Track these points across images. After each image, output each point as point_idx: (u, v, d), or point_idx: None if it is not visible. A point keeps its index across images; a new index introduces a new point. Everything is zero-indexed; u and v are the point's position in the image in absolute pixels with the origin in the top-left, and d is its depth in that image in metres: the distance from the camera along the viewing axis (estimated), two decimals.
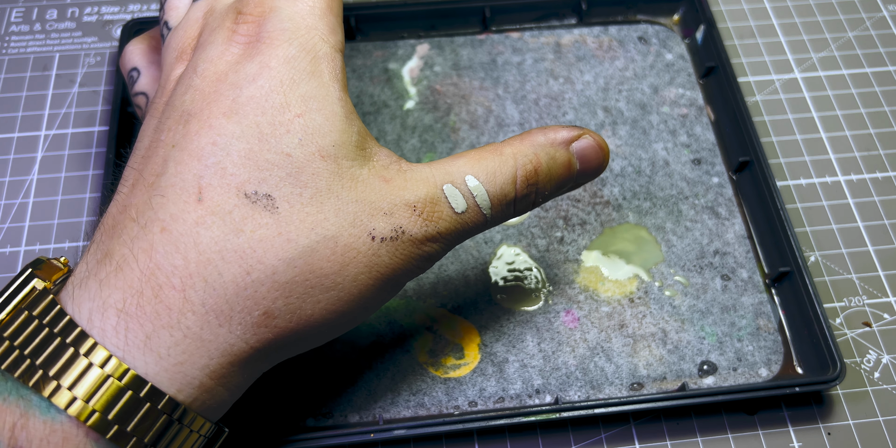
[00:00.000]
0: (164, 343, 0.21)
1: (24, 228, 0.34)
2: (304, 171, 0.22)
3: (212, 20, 0.26)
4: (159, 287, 0.21)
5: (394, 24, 0.39)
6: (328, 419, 0.29)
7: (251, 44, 0.24)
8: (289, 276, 0.22)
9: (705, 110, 0.37)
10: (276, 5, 0.24)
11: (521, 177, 0.25)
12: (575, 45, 0.39)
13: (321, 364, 0.30)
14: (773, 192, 0.33)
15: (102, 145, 0.36)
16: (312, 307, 0.22)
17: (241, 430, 0.28)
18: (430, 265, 0.25)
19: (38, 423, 0.20)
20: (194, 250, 0.21)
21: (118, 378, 0.20)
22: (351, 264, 0.22)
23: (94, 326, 0.21)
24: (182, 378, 0.21)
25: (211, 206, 0.22)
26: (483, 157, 0.25)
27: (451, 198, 0.24)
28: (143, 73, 0.31)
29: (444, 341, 0.31)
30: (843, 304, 0.33)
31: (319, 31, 0.24)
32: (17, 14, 0.40)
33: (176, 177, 0.22)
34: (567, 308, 0.32)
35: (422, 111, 0.37)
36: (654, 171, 0.36)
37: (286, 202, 0.22)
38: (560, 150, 0.25)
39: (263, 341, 0.22)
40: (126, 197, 0.23)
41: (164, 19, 0.28)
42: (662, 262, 0.33)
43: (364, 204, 0.23)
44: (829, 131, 0.38)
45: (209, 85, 0.23)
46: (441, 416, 0.29)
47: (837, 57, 0.40)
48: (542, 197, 0.26)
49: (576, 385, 0.30)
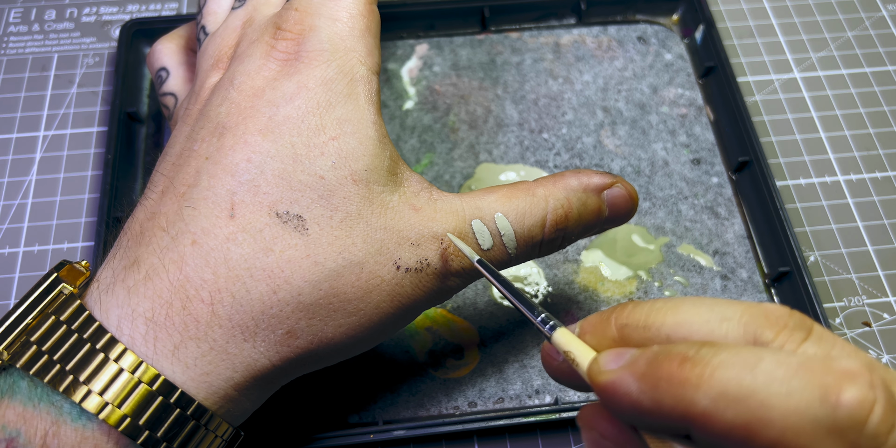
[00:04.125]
0: (191, 354, 0.21)
1: (23, 229, 0.34)
2: (335, 195, 0.22)
3: (250, 31, 0.26)
4: (188, 299, 0.21)
5: (393, 24, 0.39)
6: (328, 420, 0.29)
7: (289, 62, 0.24)
8: (313, 299, 0.22)
9: (704, 110, 0.37)
10: (316, 24, 0.24)
11: (550, 221, 0.25)
12: (574, 45, 0.39)
13: None
14: (773, 191, 0.33)
15: (101, 146, 0.36)
16: (334, 330, 0.23)
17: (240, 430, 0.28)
18: (449, 298, 0.25)
19: (70, 431, 0.20)
20: (224, 266, 0.22)
21: (148, 383, 0.20)
22: (374, 292, 0.23)
23: (123, 334, 0.21)
24: (207, 388, 0.21)
25: (242, 224, 0.22)
26: (515, 196, 0.25)
27: (478, 234, 0.24)
28: (172, 73, 0.31)
29: (444, 342, 0.31)
30: (842, 304, 0.33)
31: (357, 53, 0.24)
32: (16, 14, 0.40)
33: (209, 190, 0.22)
34: (567, 308, 0.32)
35: (421, 111, 0.37)
36: (654, 171, 0.36)
37: (316, 224, 0.22)
38: (592, 196, 0.26)
39: (284, 359, 0.22)
40: (155, 204, 0.23)
41: (202, 24, 0.28)
42: (662, 262, 0.33)
43: (392, 232, 0.23)
44: (829, 131, 0.38)
45: (246, 99, 0.23)
46: (440, 417, 0.29)
47: (837, 57, 0.40)
48: (568, 240, 0.26)
49: None
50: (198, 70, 0.27)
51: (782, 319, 0.17)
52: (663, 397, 0.16)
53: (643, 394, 0.16)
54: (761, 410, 0.15)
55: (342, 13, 0.24)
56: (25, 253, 0.33)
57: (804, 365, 0.16)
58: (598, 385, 0.17)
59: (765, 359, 0.16)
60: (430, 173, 0.35)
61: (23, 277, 0.33)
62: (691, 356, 0.16)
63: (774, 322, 0.17)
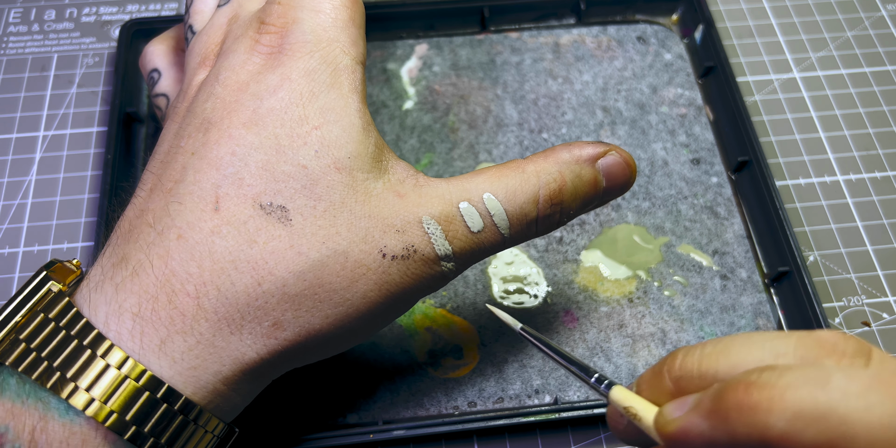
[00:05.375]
0: (178, 348, 0.21)
1: (23, 229, 0.34)
2: (318, 184, 0.22)
3: (235, 27, 0.26)
4: (174, 293, 0.21)
5: (392, 24, 0.39)
6: (327, 420, 0.29)
7: (273, 55, 0.24)
8: (298, 289, 0.22)
9: (704, 110, 0.37)
10: (299, 16, 0.24)
11: (544, 196, 0.24)
12: (574, 45, 0.39)
13: (320, 365, 0.30)
14: (772, 191, 0.33)
15: (101, 146, 0.36)
16: (321, 321, 0.22)
17: (240, 431, 0.28)
18: (445, 284, 0.25)
19: (57, 426, 0.20)
20: (209, 259, 0.22)
21: (135, 379, 0.21)
22: (360, 281, 0.22)
23: (111, 330, 0.21)
24: (196, 382, 0.21)
25: (227, 216, 0.22)
26: (504, 175, 0.24)
27: (466, 216, 0.24)
28: (164, 74, 0.31)
29: (443, 341, 0.31)
30: (842, 304, 0.33)
31: (341, 44, 0.24)
32: (16, 14, 0.40)
33: (194, 185, 0.22)
34: (566, 308, 0.32)
35: (420, 111, 0.37)
36: (654, 170, 0.36)
37: (300, 214, 0.22)
38: (586, 167, 0.25)
39: (273, 352, 0.22)
40: (143, 201, 0.23)
41: (189, 23, 0.28)
42: (661, 261, 0.33)
43: (376, 220, 0.23)
44: (828, 131, 0.38)
45: (230, 94, 0.24)
46: (440, 417, 0.29)
47: (836, 56, 0.40)
48: (567, 216, 0.25)
49: (575, 385, 0.30)
50: (186, 69, 0.27)
51: (839, 346, 0.17)
52: (736, 427, 0.16)
53: (716, 429, 0.16)
54: (843, 427, 0.15)
55: (325, 5, 0.24)
56: (25, 253, 0.33)
57: (877, 378, 0.15)
58: (669, 435, 0.17)
59: (834, 375, 0.16)
60: (430, 173, 0.35)
61: (22, 277, 0.33)
62: (755, 381, 0.16)
63: (831, 350, 0.17)
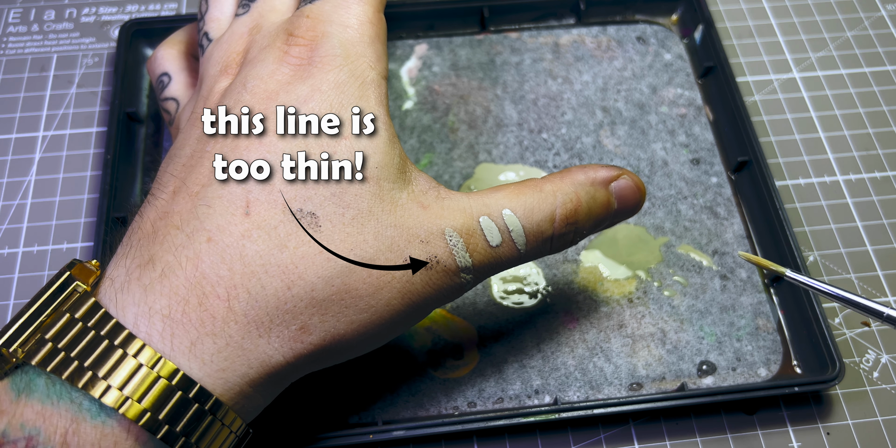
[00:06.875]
0: (207, 350, 0.21)
1: (23, 229, 0.34)
2: (347, 192, 0.23)
3: (260, 38, 0.26)
4: (205, 295, 0.22)
5: (392, 24, 0.39)
6: (327, 420, 0.29)
7: (302, 66, 0.25)
8: (326, 294, 0.22)
9: (704, 110, 0.37)
10: (329, 31, 0.25)
11: (560, 215, 0.25)
12: (573, 45, 0.39)
13: None
14: (772, 191, 0.33)
15: (100, 146, 0.36)
16: (346, 326, 0.23)
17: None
18: (461, 295, 0.26)
19: (89, 428, 0.20)
20: (240, 262, 0.22)
21: (167, 378, 0.21)
22: (385, 288, 0.23)
23: (140, 331, 0.21)
24: (223, 384, 0.22)
25: (257, 220, 0.22)
26: (522, 192, 0.25)
27: (486, 230, 0.24)
28: (174, 78, 0.31)
29: (443, 342, 0.31)
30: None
31: (367, 59, 0.25)
32: (15, 15, 0.40)
33: (223, 189, 0.23)
34: (566, 308, 0.32)
35: (420, 111, 0.37)
36: (653, 170, 0.36)
37: (329, 221, 0.23)
38: (600, 189, 0.26)
39: (298, 355, 0.23)
40: (167, 204, 0.24)
41: (205, 30, 0.29)
42: (661, 262, 0.33)
43: (402, 229, 0.23)
44: (828, 131, 0.38)
45: (259, 102, 0.24)
46: (440, 417, 0.29)
47: (836, 56, 0.40)
48: (580, 235, 0.26)
49: (575, 385, 0.30)
50: (203, 75, 0.27)
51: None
52: None
53: None
54: None
55: (353, 21, 0.25)
56: (25, 253, 0.33)
57: None
58: None
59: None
60: (430, 173, 0.35)
61: (22, 278, 0.33)
62: None
63: None
